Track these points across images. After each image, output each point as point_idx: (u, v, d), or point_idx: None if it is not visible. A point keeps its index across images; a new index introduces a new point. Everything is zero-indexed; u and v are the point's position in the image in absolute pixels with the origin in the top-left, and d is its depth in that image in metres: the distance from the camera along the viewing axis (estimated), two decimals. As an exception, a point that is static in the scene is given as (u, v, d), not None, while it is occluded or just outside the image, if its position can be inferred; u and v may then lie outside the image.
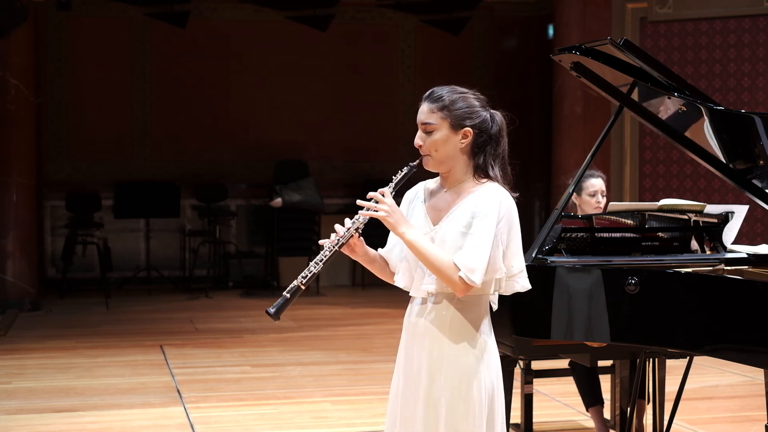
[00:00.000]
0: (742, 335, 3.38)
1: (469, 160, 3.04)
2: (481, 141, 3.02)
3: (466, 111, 3.01)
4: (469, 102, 3.03)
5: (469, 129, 3.00)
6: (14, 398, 6.41)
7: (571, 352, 4.28)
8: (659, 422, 4.56)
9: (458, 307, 3.01)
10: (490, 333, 3.08)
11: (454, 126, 3.00)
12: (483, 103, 3.07)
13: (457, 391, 2.99)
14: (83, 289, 11.44)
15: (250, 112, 12.30)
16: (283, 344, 8.25)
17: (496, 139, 3.04)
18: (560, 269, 3.76)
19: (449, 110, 3.01)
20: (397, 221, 2.96)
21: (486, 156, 3.03)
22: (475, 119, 3.01)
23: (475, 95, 3.07)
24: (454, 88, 3.07)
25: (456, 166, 3.03)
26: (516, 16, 13.05)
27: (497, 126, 3.05)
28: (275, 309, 2.96)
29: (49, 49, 11.83)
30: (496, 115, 3.06)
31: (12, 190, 10.01)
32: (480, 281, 2.90)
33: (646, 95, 4.11)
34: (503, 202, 2.96)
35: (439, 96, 3.05)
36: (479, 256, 2.90)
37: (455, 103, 3.02)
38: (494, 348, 3.08)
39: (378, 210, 2.96)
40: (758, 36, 9.77)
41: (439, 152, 3.01)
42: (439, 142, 3.01)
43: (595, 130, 9.50)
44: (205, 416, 5.96)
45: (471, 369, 3.00)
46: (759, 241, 5.63)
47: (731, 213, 4.25)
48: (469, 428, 2.98)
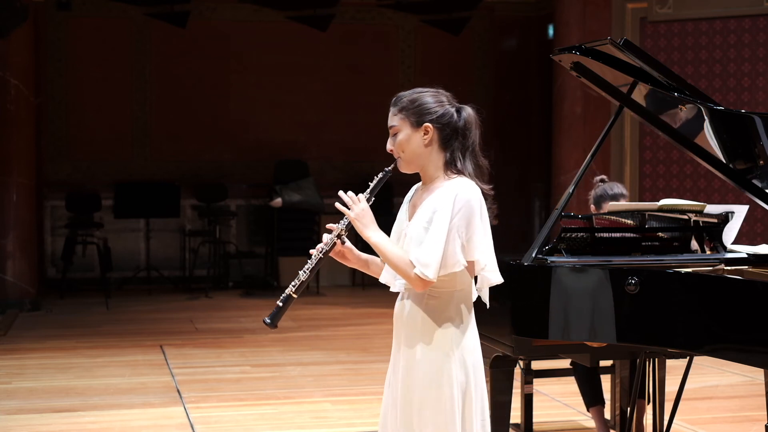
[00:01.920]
0: (742, 335, 3.38)
1: (438, 157, 3.09)
2: (446, 135, 3.08)
3: (425, 107, 3.08)
4: (428, 99, 3.10)
5: (429, 125, 3.07)
6: (14, 398, 6.41)
7: (571, 352, 4.28)
8: (659, 422, 4.56)
9: (430, 302, 3.06)
10: (466, 329, 3.09)
11: (414, 124, 3.08)
12: (447, 99, 3.13)
13: (429, 386, 3.03)
14: (83, 289, 11.44)
15: (250, 112, 12.30)
16: (283, 344, 8.25)
17: (462, 132, 3.09)
18: (558, 269, 3.76)
19: (408, 109, 3.09)
20: (364, 225, 3.04)
21: (454, 151, 3.09)
22: (434, 114, 3.07)
23: (438, 92, 3.14)
24: (416, 89, 3.14)
25: (427, 164, 3.10)
26: (516, 16, 13.05)
27: (463, 120, 3.10)
28: (270, 318, 3.13)
29: (49, 49, 11.83)
30: (463, 109, 3.12)
31: (12, 190, 10.01)
32: (434, 276, 2.94)
33: (652, 95, 4.11)
34: (459, 195, 3.01)
35: (399, 98, 3.14)
36: (432, 251, 2.95)
37: (414, 102, 3.09)
38: (471, 344, 3.10)
39: (353, 212, 3.04)
40: (758, 36, 9.77)
41: (406, 152, 3.09)
42: (404, 142, 3.09)
43: (595, 130, 9.50)
44: (205, 416, 5.96)
45: (442, 364, 3.03)
46: (759, 241, 5.63)
47: (731, 213, 4.25)
48: (440, 423, 3.01)
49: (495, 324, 4.09)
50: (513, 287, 3.91)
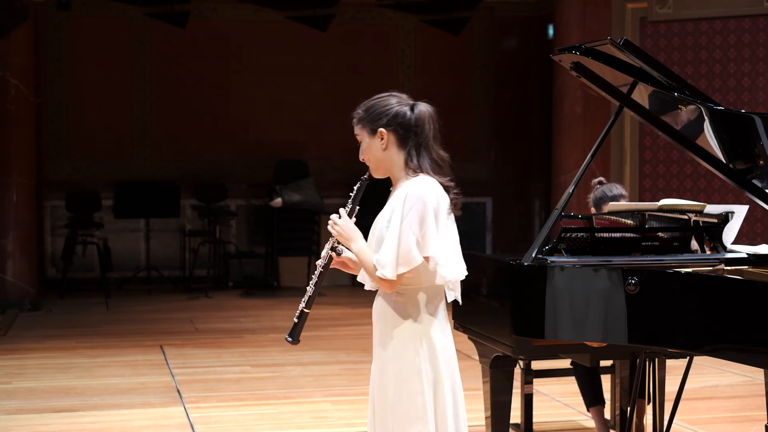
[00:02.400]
0: (742, 335, 3.38)
1: (399, 159, 3.15)
2: (401, 136, 3.14)
3: (377, 113, 3.15)
4: (380, 104, 3.17)
5: (383, 129, 3.13)
6: (14, 398, 6.41)
7: (571, 352, 4.28)
8: (659, 422, 4.56)
9: (397, 299, 3.14)
10: (435, 325, 3.16)
11: (371, 131, 3.17)
12: (399, 100, 3.17)
13: (400, 382, 3.11)
14: (83, 289, 11.44)
15: (250, 112, 12.30)
16: (283, 344, 8.22)
17: (414, 129, 3.13)
18: (556, 269, 3.76)
19: (363, 119, 3.19)
20: (347, 238, 3.17)
21: (411, 149, 3.14)
22: (386, 117, 3.13)
23: (390, 95, 3.19)
24: (372, 98, 3.22)
25: (390, 166, 3.17)
26: (516, 16, 13.04)
27: (415, 116, 3.14)
28: (291, 335, 3.29)
29: (49, 49, 11.83)
30: (416, 106, 3.16)
31: (12, 190, 10.01)
32: (392, 275, 3.03)
33: (652, 95, 4.11)
34: (410, 193, 3.06)
35: (357, 110, 3.22)
36: (387, 251, 3.04)
37: (368, 110, 3.18)
38: (441, 340, 3.17)
39: (333, 229, 3.18)
40: (758, 36, 9.77)
41: (370, 160, 3.19)
42: (366, 151, 3.19)
43: (595, 130, 9.49)
44: (205, 416, 5.96)
45: (411, 361, 3.11)
46: (759, 241, 5.63)
47: (731, 213, 4.25)
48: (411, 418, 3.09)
49: (495, 324, 4.09)
50: (512, 287, 3.92)
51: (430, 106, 3.18)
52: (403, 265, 3.03)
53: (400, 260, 3.02)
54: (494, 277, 4.14)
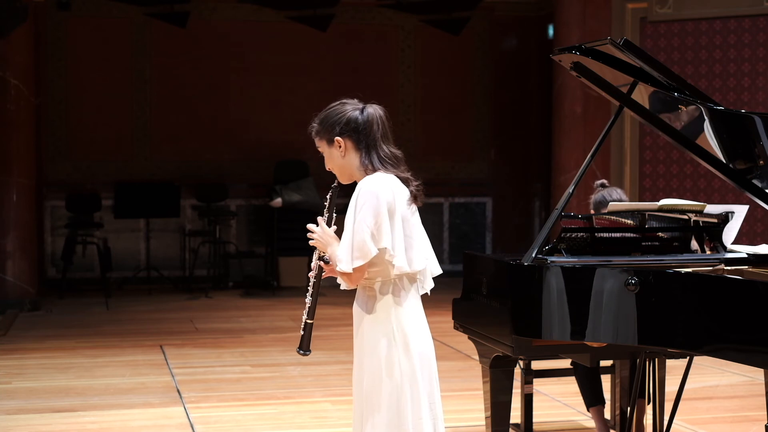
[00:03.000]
0: (742, 335, 3.38)
1: (357, 160, 3.25)
2: (356, 140, 3.24)
3: (330, 123, 3.27)
4: (332, 114, 3.28)
5: (338, 138, 3.25)
6: (14, 398, 6.41)
7: (571, 352, 4.28)
8: (659, 422, 4.57)
9: (369, 294, 3.24)
10: (408, 317, 3.22)
11: (328, 142, 3.28)
12: (353, 105, 3.28)
13: (375, 376, 3.20)
14: (83, 289, 11.44)
15: (250, 112, 12.30)
16: (283, 344, 8.25)
17: (365, 131, 3.23)
18: (554, 269, 3.76)
19: (320, 131, 3.30)
20: (324, 244, 3.25)
21: (365, 151, 3.24)
22: (338, 126, 3.25)
23: (342, 103, 3.31)
24: (325, 109, 3.33)
25: (352, 170, 3.27)
26: (516, 16, 13.05)
27: (363, 118, 3.24)
28: (301, 347, 3.35)
29: (49, 49, 11.83)
30: (366, 108, 3.27)
31: (12, 190, 10.01)
32: (348, 268, 3.12)
33: (652, 95, 4.11)
34: (362, 189, 3.15)
35: (312, 123, 3.34)
36: (343, 246, 3.15)
37: (322, 122, 3.30)
38: (416, 332, 3.22)
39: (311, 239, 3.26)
40: (758, 36, 9.77)
41: (334, 168, 3.30)
42: (329, 161, 3.31)
43: (595, 130, 9.50)
44: (205, 416, 5.96)
45: (386, 354, 3.19)
46: (759, 241, 5.64)
47: (731, 213, 4.25)
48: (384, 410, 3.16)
49: (495, 324, 4.09)
50: (512, 287, 3.92)
51: (379, 107, 3.29)
52: (359, 258, 3.11)
53: (355, 253, 3.10)
54: (494, 277, 4.14)
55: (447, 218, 12.96)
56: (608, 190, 5.07)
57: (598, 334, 3.70)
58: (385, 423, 3.17)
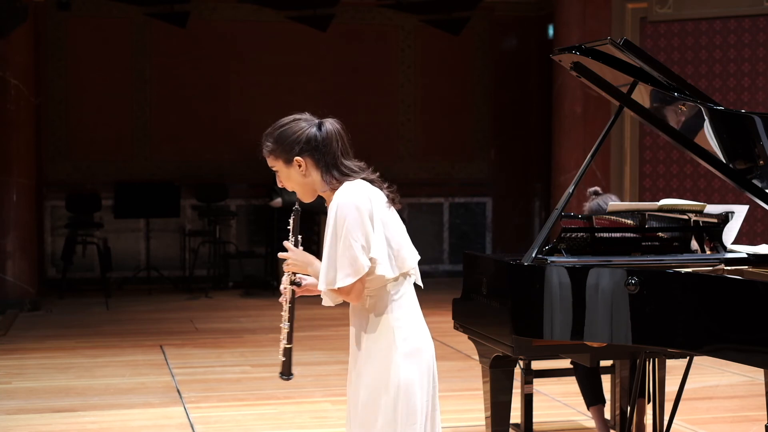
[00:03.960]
0: (742, 335, 3.38)
1: (320, 178, 3.12)
2: (316, 159, 3.11)
3: (289, 143, 3.11)
4: (289, 132, 3.13)
5: (298, 157, 3.11)
6: (14, 398, 6.41)
7: (571, 352, 4.28)
8: (659, 422, 4.57)
9: (370, 302, 3.15)
10: (406, 322, 3.13)
11: (286, 161, 3.12)
12: (306, 123, 3.14)
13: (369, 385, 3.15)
14: (83, 289, 11.44)
15: (250, 112, 12.29)
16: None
17: (325, 148, 3.10)
18: (554, 269, 3.76)
19: (275, 150, 3.13)
20: (302, 266, 3.17)
21: (325, 168, 3.11)
22: (298, 145, 3.10)
23: (296, 119, 3.16)
24: (275, 125, 3.18)
25: (315, 188, 3.15)
26: (516, 16, 13.05)
27: (322, 135, 3.11)
28: (283, 372, 3.26)
29: (49, 49, 11.83)
30: (323, 124, 3.14)
31: (12, 190, 10.01)
32: (344, 284, 3.01)
33: (652, 95, 4.11)
34: (340, 204, 3.02)
35: (264, 141, 3.18)
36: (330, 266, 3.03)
37: (277, 141, 3.13)
38: (414, 337, 3.13)
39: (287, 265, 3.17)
40: (758, 36, 9.77)
41: (294, 186, 3.16)
42: (287, 180, 3.17)
43: (595, 130, 9.50)
44: (205, 416, 5.96)
45: (384, 362, 3.12)
46: (759, 241, 5.64)
47: (731, 213, 4.25)
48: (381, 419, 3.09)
49: (495, 324, 4.09)
50: (512, 287, 3.92)
51: (336, 121, 3.17)
52: (351, 275, 3.00)
53: (346, 270, 3.00)
54: (494, 277, 4.14)
55: (447, 218, 12.96)
56: (603, 197, 5.01)
57: (598, 334, 3.70)
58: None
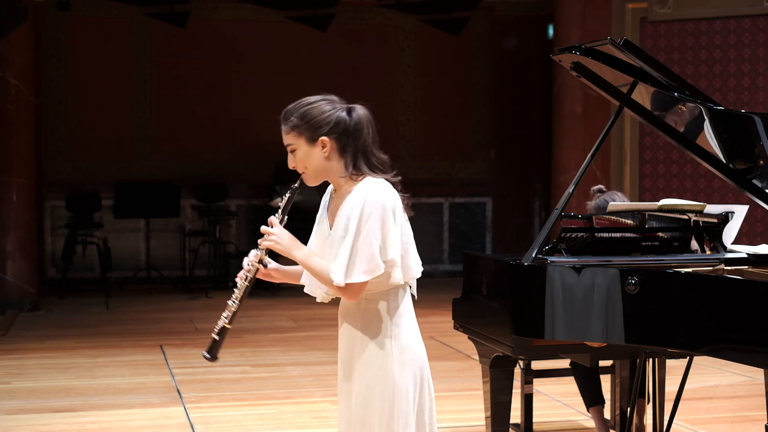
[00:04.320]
0: (742, 335, 3.38)
1: (340, 164, 3.04)
2: (343, 142, 3.03)
3: (316, 121, 3.03)
4: (317, 111, 3.06)
5: (325, 137, 3.02)
6: (14, 398, 6.41)
7: (571, 352, 4.28)
8: (659, 422, 4.57)
9: (368, 306, 3.03)
10: (405, 327, 3.05)
11: (310, 140, 3.03)
12: (335, 105, 3.08)
13: (366, 386, 3.01)
14: (83, 289, 11.44)
15: (250, 112, 12.30)
16: (283, 344, 8.25)
17: (354, 134, 3.04)
18: (555, 269, 3.75)
19: (300, 126, 3.04)
20: (286, 246, 3.04)
21: (352, 155, 3.03)
22: (327, 126, 3.02)
23: (326, 99, 3.10)
24: (302, 102, 3.10)
25: (331, 173, 3.06)
26: (516, 16, 13.05)
27: (353, 121, 3.05)
28: (209, 351, 3.14)
29: (49, 49, 11.83)
30: (353, 110, 3.08)
31: (12, 190, 10.01)
32: (358, 280, 2.90)
33: (652, 95, 4.11)
34: (368, 198, 2.94)
35: (288, 116, 3.09)
36: (350, 260, 2.92)
37: (304, 118, 3.05)
38: (412, 344, 3.05)
39: (269, 241, 3.05)
40: (758, 36, 9.77)
41: (309, 168, 3.05)
42: (304, 159, 3.05)
43: (595, 130, 9.50)
44: (205, 416, 5.96)
45: (379, 367, 3.00)
46: (759, 241, 5.63)
47: (731, 213, 4.25)
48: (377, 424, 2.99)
49: (495, 324, 4.09)
50: (512, 287, 3.92)
51: (365, 108, 3.10)
52: (366, 272, 2.91)
53: (361, 267, 2.91)
54: (494, 277, 4.14)
55: (447, 218, 12.96)
56: (608, 194, 5.02)
57: (598, 334, 3.70)
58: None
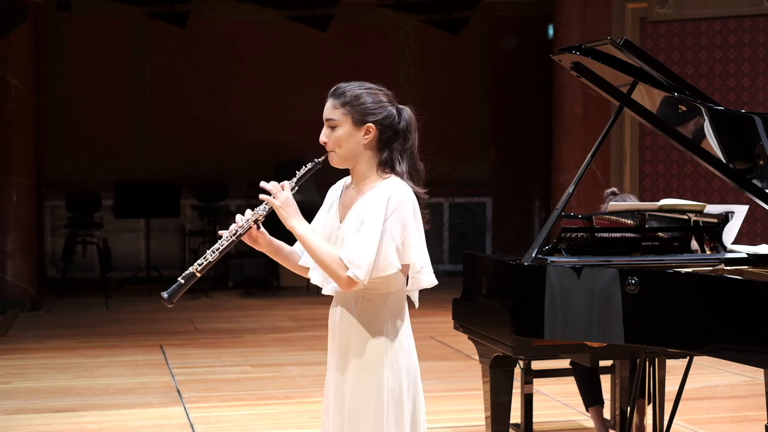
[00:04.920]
0: (742, 335, 3.38)
1: (373, 156, 3.02)
2: (386, 137, 3.01)
3: (369, 107, 2.99)
4: (373, 98, 3.01)
5: (372, 125, 2.99)
6: (14, 398, 6.41)
7: (571, 352, 4.28)
8: (659, 422, 4.57)
9: (365, 306, 3.00)
10: (401, 333, 3.03)
11: (356, 122, 2.98)
12: (390, 99, 3.05)
13: (359, 390, 2.97)
14: (83, 289, 11.44)
15: (250, 112, 12.30)
16: (283, 344, 8.25)
17: (403, 134, 3.03)
18: (554, 269, 3.75)
19: (351, 106, 2.98)
20: (289, 213, 3.02)
21: (392, 152, 3.01)
22: (378, 115, 2.99)
23: (382, 90, 3.05)
24: (361, 84, 3.05)
25: (360, 162, 3.03)
26: (516, 16, 13.05)
27: (405, 121, 3.03)
28: (168, 294, 3.09)
29: (49, 49, 11.83)
30: (404, 110, 3.06)
31: (12, 190, 10.01)
32: (365, 277, 2.86)
33: (653, 96, 4.11)
34: (394, 196, 2.91)
35: (342, 92, 3.02)
36: (365, 253, 2.87)
37: (358, 99, 3.00)
38: (406, 348, 3.03)
39: (274, 199, 3.00)
40: (758, 36, 9.77)
41: (343, 148, 3.00)
42: (342, 138, 3.00)
43: (595, 130, 9.50)
44: (205, 416, 5.96)
45: (373, 368, 2.97)
46: (759, 241, 5.64)
47: (731, 213, 4.25)
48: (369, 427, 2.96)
49: (495, 324, 4.09)
50: (512, 287, 3.92)
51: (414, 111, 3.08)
52: (379, 270, 2.88)
53: (378, 264, 2.87)
54: (494, 277, 4.14)
55: (447, 218, 12.96)
56: (621, 196, 5.02)
57: (598, 333, 3.70)
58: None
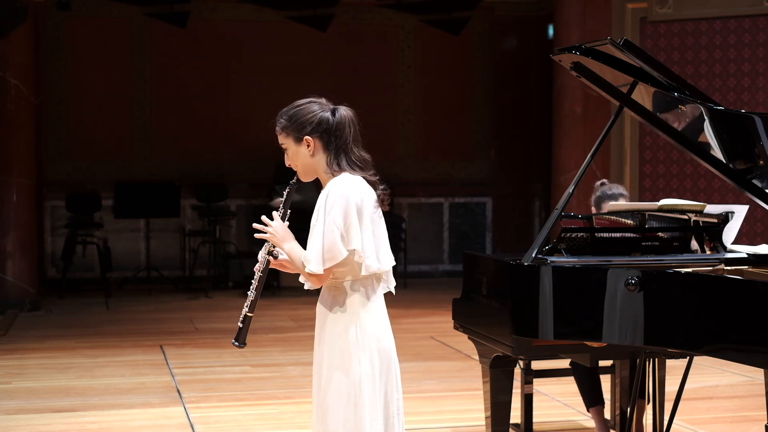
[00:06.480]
0: (742, 335, 3.38)
1: (323, 161, 3.30)
2: (326, 141, 3.28)
3: (300, 122, 3.30)
4: (304, 111, 3.32)
5: (308, 137, 3.29)
6: (14, 398, 6.41)
7: (571, 352, 4.28)
8: (659, 422, 4.57)
9: (333, 293, 3.29)
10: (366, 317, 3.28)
11: (296, 139, 3.30)
12: (322, 105, 3.33)
13: (331, 371, 3.37)
14: (83, 289, 11.44)
15: (250, 112, 12.30)
16: (283, 344, 8.25)
17: (336, 133, 3.28)
18: (554, 269, 3.75)
19: (288, 127, 3.33)
20: (280, 240, 3.34)
21: (333, 152, 3.28)
22: (310, 126, 3.29)
23: (311, 101, 3.36)
24: (292, 104, 3.38)
25: (318, 170, 3.31)
26: (516, 16, 13.05)
27: (336, 120, 3.29)
28: (237, 339, 3.50)
29: (49, 49, 11.84)
30: (338, 110, 3.32)
31: (12, 190, 10.01)
32: (318, 268, 3.16)
33: (653, 96, 4.11)
34: (333, 190, 3.20)
35: (279, 117, 3.39)
36: (313, 247, 3.19)
37: (291, 119, 3.34)
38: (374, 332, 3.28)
39: (265, 233, 3.35)
40: (758, 36, 9.77)
41: (299, 166, 3.34)
42: (293, 158, 3.34)
43: (595, 130, 9.50)
44: (205, 416, 5.96)
45: (342, 353, 3.31)
46: (759, 241, 5.63)
47: (731, 213, 4.25)
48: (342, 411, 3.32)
49: (495, 324, 4.09)
50: (512, 287, 3.92)
51: (350, 109, 3.32)
52: (329, 260, 3.16)
53: (325, 255, 3.15)
54: (494, 277, 4.14)
55: (447, 218, 12.97)
56: (608, 186, 5.15)
57: (598, 334, 3.70)
58: (342, 422, 3.30)
